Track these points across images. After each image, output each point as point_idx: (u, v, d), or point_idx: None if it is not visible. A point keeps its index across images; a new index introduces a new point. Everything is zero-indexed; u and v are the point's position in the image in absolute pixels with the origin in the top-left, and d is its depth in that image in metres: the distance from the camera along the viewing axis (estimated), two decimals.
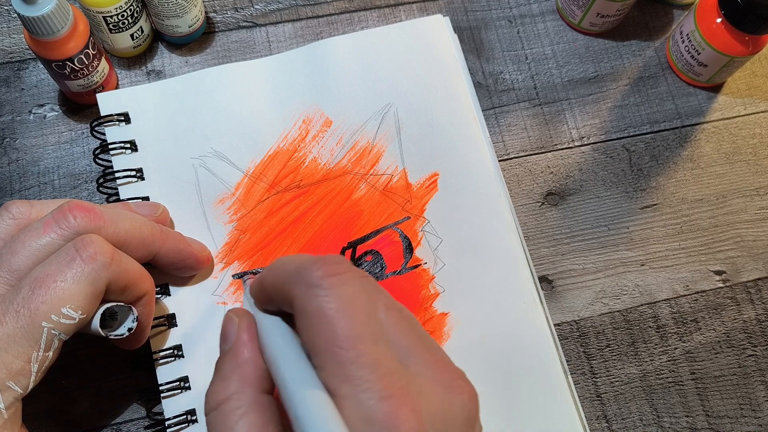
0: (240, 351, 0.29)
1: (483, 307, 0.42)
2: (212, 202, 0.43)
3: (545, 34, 0.52)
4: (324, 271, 0.26)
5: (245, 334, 0.29)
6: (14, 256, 0.32)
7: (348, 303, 0.25)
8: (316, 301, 0.25)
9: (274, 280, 0.28)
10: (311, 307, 0.25)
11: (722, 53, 0.47)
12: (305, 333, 0.26)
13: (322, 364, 0.25)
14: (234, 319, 0.30)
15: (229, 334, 0.30)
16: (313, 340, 0.25)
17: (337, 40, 0.47)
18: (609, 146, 0.49)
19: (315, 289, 0.26)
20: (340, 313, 0.25)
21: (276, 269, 0.28)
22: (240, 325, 0.30)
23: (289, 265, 0.28)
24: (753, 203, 0.48)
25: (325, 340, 0.25)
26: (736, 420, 0.43)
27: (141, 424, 0.40)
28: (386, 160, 0.45)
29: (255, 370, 0.28)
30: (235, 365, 0.28)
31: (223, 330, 0.30)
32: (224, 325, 0.30)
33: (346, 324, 0.25)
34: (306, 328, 0.26)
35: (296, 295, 0.26)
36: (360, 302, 0.26)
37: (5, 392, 0.30)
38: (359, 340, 0.25)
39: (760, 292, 0.46)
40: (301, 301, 0.26)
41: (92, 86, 0.45)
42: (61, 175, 0.45)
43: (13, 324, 0.30)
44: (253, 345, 0.29)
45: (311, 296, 0.26)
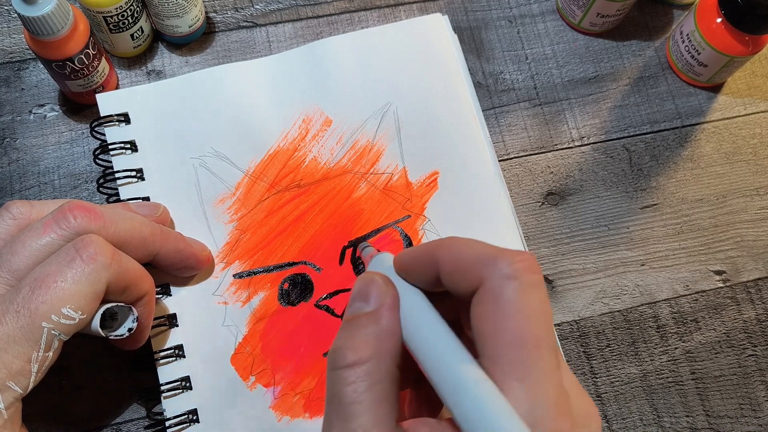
0: (383, 316, 0.28)
1: None
2: (212, 202, 0.43)
3: (545, 34, 0.52)
4: (523, 266, 0.25)
5: (390, 300, 0.28)
6: (14, 256, 0.32)
7: (539, 305, 0.25)
8: (509, 292, 0.25)
9: (457, 257, 0.27)
10: (504, 295, 0.25)
11: (722, 53, 0.47)
12: (485, 319, 0.25)
13: (496, 355, 0.24)
14: (378, 281, 0.29)
15: (371, 294, 0.28)
16: (494, 329, 0.25)
17: (336, 39, 0.47)
18: (609, 146, 0.49)
19: (512, 280, 0.25)
20: (532, 312, 0.25)
21: (461, 246, 0.28)
22: (386, 290, 0.28)
23: (478, 246, 0.27)
24: (753, 203, 0.48)
25: (510, 334, 0.24)
26: (736, 420, 0.43)
27: (141, 424, 0.40)
28: (386, 159, 0.45)
29: (395, 341, 0.27)
30: (378, 330, 0.27)
31: (361, 289, 0.29)
32: (364, 284, 0.29)
33: (535, 325, 0.24)
34: (489, 315, 0.25)
35: (487, 278, 0.25)
36: (547, 308, 0.25)
37: (5, 392, 0.30)
38: (543, 345, 0.24)
39: (760, 292, 0.46)
40: (493, 286, 0.25)
41: (92, 86, 0.45)
42: (61, 175, 0.45)
43: (13, 324, 0.30)
44: (397, 315, 0.28)
45: (506, 286, 0.25)
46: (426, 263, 0.28)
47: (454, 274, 0.27)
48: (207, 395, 0.39)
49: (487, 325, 0.25)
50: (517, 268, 0.25)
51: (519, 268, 0.25)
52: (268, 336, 0.41)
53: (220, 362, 0.40)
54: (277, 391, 0.40)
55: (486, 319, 0.25)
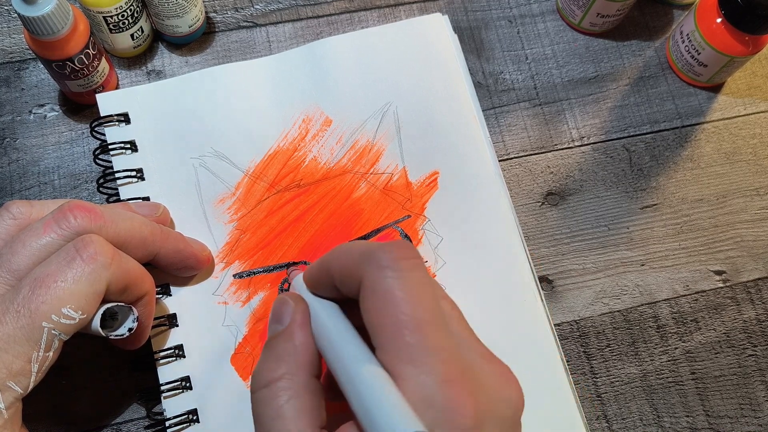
0: (295, 333, 0.29)
1: (483, 306, 0.42)
2: (212, 202, 0.43)
3: (545, 34, 0.52)
4: (395, 255, 0.26)
5: (300, 316, 0.29)
6: (14, 256, 0.32)
7: (416, 287, 0.26)
8: (385, 282, 0.26)
9: (342, 263, 0.28)
10: (380, 287, 0.26)
11: (722, 53, 0.47)
12: (370, 312, 0.26)
13: (385, 344, 0.25)
14: (288, 301, 0.30)
15: (282, 315, 0.30)
16: (379, 320, 0.26)
17: (336, 39, 0.47)
18: (609, 146, 0.49)
19: (385, 270, 0.26)
20: (409, 296, 0.25)
21: (344, 252, 0.29)
22: (296, 308, 0.30)
23: (356, 248, 0.28)
24: (753, 203, 0.48)
25: (392, 321, 0.25)
26: (736, 420, 0.43)
27: (141, 424, 0.40)
28: (386, 159, 0.45)
29: (308, 354, 0.28)
30: (290, 346, 0.28)
31: (275, 311, 0.30)
32: (277, 306, 0.30)
33: (413, 307, 0.25)
34: (372, 308, 0.26)
35: (365, 275, 0.26)
36: (426, 288, 0.26)
37: (5, 392, 0.30)
38: (425, 324, 0.25)
39: (760, 292, 0.46)
40: (371, 281, 0.26)
41: (92, 86, 0.45)
42: (61, 175, 0.45)
43: (14, 324, 0.30)
44: (308, 329, 0.29)
45: (381, 277, 0.26)
46: (323, 275, 0.30)
47: (342, 279, 0.28)
48: (207, 395, 0.39)
49: (372, 318, 0.26)
50: (390, 258, 0.26)
51: (391, 257, 0.26)
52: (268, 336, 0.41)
53: (220, 362, 0.40)
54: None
55: (370, 312, 0.26)
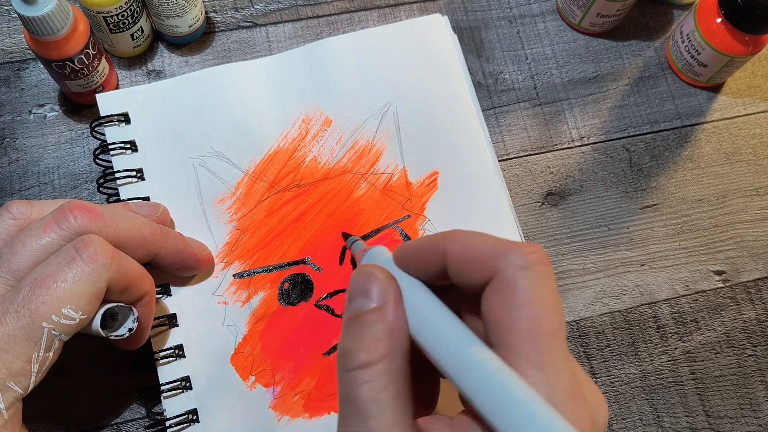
0: (389, 312, 0.27)
1: None
2: (212, 202, 0.43)
3: (545, 34, 0.52)
4: (537, 257, 0.26)
5: (395, 294, 0.27)
6: (14, 257, 0.32)
7: (554, 294, 0.25)
8: (526, 283, 0.25)
9: (468, 249, 0.27)
10: (520, 287, 0.25)
11: (722, 53, 0.47)
12: (501, 309, 0.25)
13: (513, 343, 0.24)
14: (378, 276, 0.28)
15: (371, 290, 0.27)
16: (511, 320, 0.25)
17: (336, 39, 0.47)
18: (609, 146, 0.49)
19: (527, 271, 0.25)
20: (549, 302, 0.25)
21: (470, 239, 0.27)
22: (387, 285, 0.27)
23: (487, 239, 0.27)
24: (753, 203, 0.48)
25: (528, 324, 0.24)
26: (736, 420, 0.43)
27: (141, 424, 0.40)
28: (386, 159, 0.45)
29: (405, 337, 0.27)
30: (386, 327, 0.26)
31: (360, 285, 0.28)
32: (363, 279, 0.28)
33: (551, 315, 0.25)
34: (506, 306, 0.25)
35: (501, 269, 0.25)
36: (558, 298, 0.26)
37: (6, 392, 0.30)
38: (559, 335, 0.24)
39: (760, 292, 0.46)
40: (508, 277, 0.25)
41: (92, 86, 0.45)
42: (61, 175, 0.45)
43: (14, 324, 0.30)
44: (402, 309, 0.27)
45: (522, 276, 0.25)
46: (431, 255, 0.28)
47: (464, 266, 0.27)
48: (207, 395, 0.39)
49: (502, 315, 0.25)
50: (531, 259, 0.25)
51: (532, 259, 0.25)
52: (267, 336, 0.41)
53: (219, 362, 0.40)
54: (276, 391, 0.40)
55: (501, 309, 0.25)
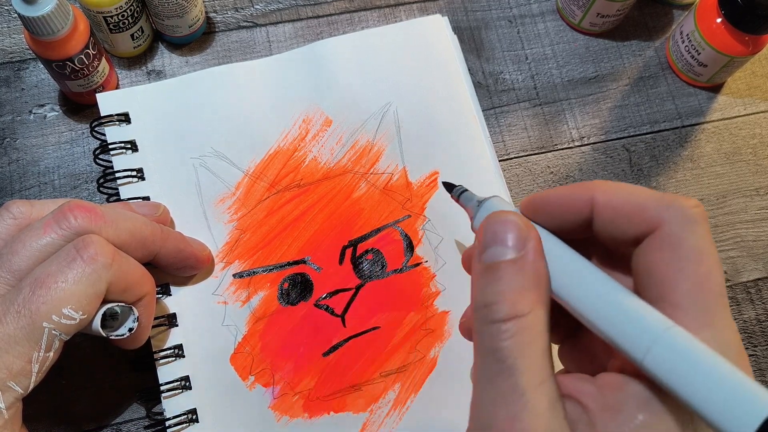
0: (537, 265, 0.26)
1: None
2: (213, 202, 0.43)
3: (545, 34, 0.52)
4: (702, 212, 0.25)
5: (536, 242, 0.26)
6: (15, 256, 0.32)
7: (716, 254, 0.24)
8: (694, 238, 0.24)
9: (622, 200, 0.26)
10: (689, 241, 0.24)
11: (722, 53, 0.47)
12: (666, 264, 0.24)
13: (680, 299, 0.24)
14: (518, 223, 0.26)
15: (509, 237, 0.26)
16: (677, 274, 0.24)
17: (336, 39, 0.47)
18: (609, 146, 0.49)
19: (695, 225, 0.24)
20: (716, 258, 0.24)
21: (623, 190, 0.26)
22: (528, 232, 0.26)
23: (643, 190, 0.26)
24: (753, 203, 0.48)
25: (698, 280, 0.24)
26: None
27: (141, 424, 0.40)
28: (386, 159, 0.45)
29: (548, 290, 0.26)
30: (532, 281, 0.25)
31: (497, 230, 0.26)
32: (500, 227, 0.26)
33: (719, 270, 0.24)
34: (672, 260, 0.24)
35: (666, 222, 0.25)
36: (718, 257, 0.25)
37: (6, 392, 0.30)
38: (724, 291, 0.24)
39: (760, 292, 0.46)
40: (675, 231, 0.24)
41: (92, 86, 0.45)
42: (61, 175, 0.45)
43: (14, 324, 0.30)
44: (544, 260, 0.26)
45: (690, 231, 0.24)
46: (575, 205, 0.27)
47: (618, 218, 0.26)
48: (206, 395, 0.39)
49: (666, 271, 0.24)
50: (696, 212, 0.25)
51: (698, 212, 0.25)
52: (267, 336, 0.41)
53: (219, 362, 0.40)
54: (276, 390, 0.40)
55: (665, 264, 0.24)
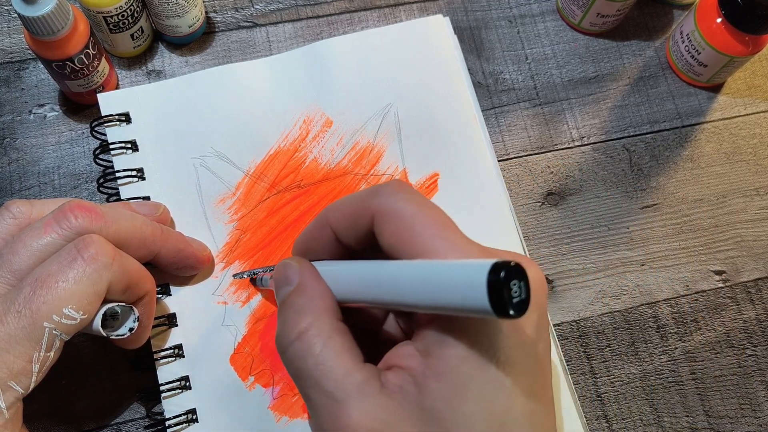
0: (309, 285, 0.29)
1: None
2: (213, 202, 0.43)
3: (545, 34, 0.52)
4: (399, 183, 0.28)
5: (308, 270, 0.30)
6: (15, 256, 0.32)
7: (427, 202, 0.28)
8: (402, 203, 0.27)
9: (345, 209, 0.29)
10: (398, 207, 0.27)
11: (722, 53, 0.47)
12: (395, 233, 0.27)
13: (421, 247, 0.26)
14: (291, 263, 0.30)
15: (290, 275, 0.30)
16: (406, 235, 0.27)
17: (337, 40, 0.47)
18: (609, 146, 0.49)
19: (397, 195, 0.27)
20: (428, 206, 0.27)
21: (341, 202, 0.30)
22: (302, 266, 0.30)
23: (355, 194, 0.29)
24: (753, 203, 0.48)
25: (421, 229, 0.26)
26: (736, 420, 0.43)
27: (141, 424, 0.40)
28: (387, 160, 0.45)
29: (327, 300, 0.28)
30: (307, 298, 0.28)
31: (281, 275, 0.30)
32: (281, 270, 0.30)
33: (436, 213, 0.27)
34: (396, 229, 0.27)
35: (378, 207, 0.27)
36: (433, 203, 0.28)
37: (6, 392, 0.30)
38: (451, 223, 0.27)
39: (760, 292, 0.46)
40: (386, 208, 0.27)
41: (92, 86, 0.45)
42: (61, 175, 0.45)
43: (15, 324, 0.30)
44: (319, 279, 0.29)
45: (396, 200, 0.27)
46: (320, 233, 0.30)
47: (348, 224, 0.29)
48: (206, 395, 0.39)
49: (400, 235, 0.27)
50: (396, 185, 0.28)
51: (397, 185, 0.28)
52: (267, 336, 0.41)
53: (219, 362, 0.40)
54: (276, 391, 0.40)
55: (397, 232, 0.27)
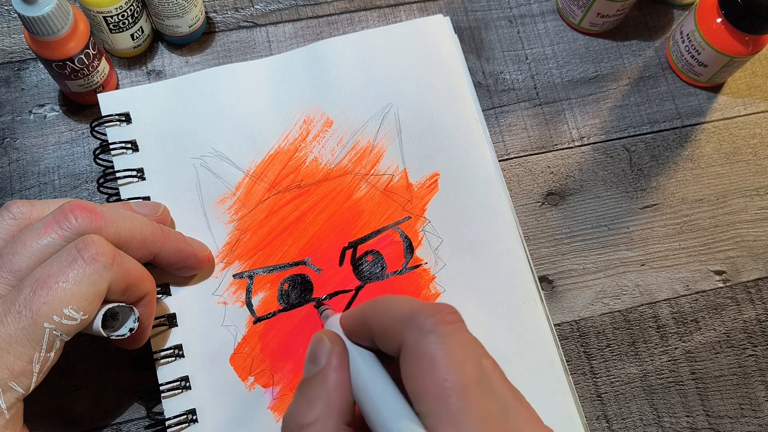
0: (330, 377, 0.28)
1: (483, 307, 0.42)
2: (213, 202, 0.43)
3: (545, 34, 0.52)
4: (438, 319, 0.26)
5: (337, 360, 0.29)
6: (15, 257, 0.32)
7: (459, 351, 0.26)
8: (429, 348, 0.26)
9: (382, 323, 0.28)
10: (424, 352, 0.26)
11: (722, 53, 0.47)
12: (413, 377, 0.26)
13: (430, 410, 0.25)
14: (325, 341, 0.29)
15: (319, 356, 0.29)
16: (422, 386, 0.25)
17: (337, 40, 0.47)
18: (609, 146, 0.49)
19: (428, 335, 0.26)
20: (452, 361, 0.25)
21: (385, 309, 0.28)
22: (332, 350, 0.29)
23: (399, 307, 0.28)
24: (753, 203, 0.48)
25: (436, 387, 0.25)
26: (736, 420, 0.43)
27: (141, 424, 0.40)
28: (387, 160, 0.45)
29: (343, 400, 0.28)
30: (324, 391, 0.28)
31: (312, 350, 0.30)
32: (314, 345, 0.30)
33: (457, 372, 0.25)
34: (415, 373, 0.26)
35: (407, 339, 0.26)
36: (469, 351, 0.26)
37: (7, 393, 0.30)
38: (470, 389, 0.25)
39: (760, 292, 0.46)
40: (413, 346, 0.26)
41: (92, 86, 0.45)
42: (61, 175, 0.45)
43: (15, 325, 0.30)
44: (344, 374, 0.29)
45: (424, 342, 0.26)
46: (362, 328, 0.29)
47: (382, 338, 0.28)
48: (206, 395, 0.39)
49: (415, 383, 0.26)
50: (432, 322, 0.26)
51: (433, 321, 0.26)
52: (267, 336, 0.41)
53: (219, 362, 0.40)
54: (275, 391, 0.40)
55: (413, 377, 0.26)
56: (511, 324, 0.42)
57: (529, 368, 0.41)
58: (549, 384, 0.41)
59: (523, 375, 0.41)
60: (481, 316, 0.42)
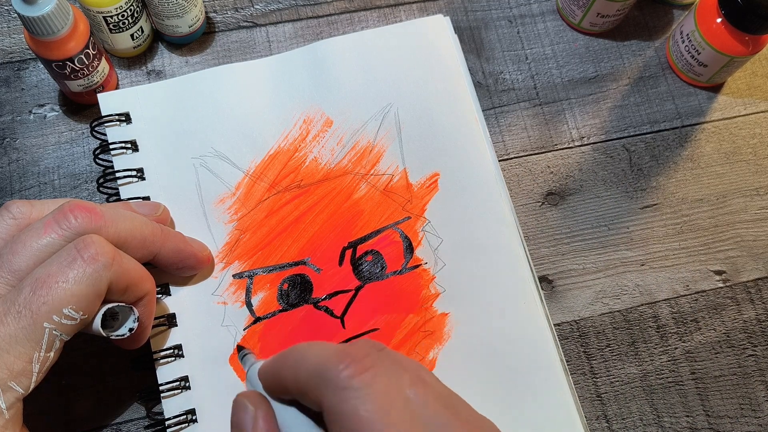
0: None
1: (483, 307, 0.42)
2: (213, 202, 0.43)
3: (545, 34, 0.52)
4: (351, 371, 0.26)
5: (263, 424, 0.28)
6: (15, 257, 0.32)
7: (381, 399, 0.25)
8: (350, 405, 0.25)
9: (295, 377, 0.27)
10: (345, 411, 0.25)
11: (722, 53, 0.47)
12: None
13: None
14: (248, 407, 0.29)
15: (244, 423, 0.29)
16: None
17: (337, 40, 0.47)
18: (609, 146, 0.49)
19: (346, 392, 0.25)
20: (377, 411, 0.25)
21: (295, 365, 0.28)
22: (256, 415, 0.29)
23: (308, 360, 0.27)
24: (753, 203, 0.48)
25: None
26: (736, 420, 0.43)
27: (141, 424, 0.40)
28: (387, 160, 0.45)
29: None
30: None
31: (235, 417, 0.29)
32: (236, 411, 0.29)
33: (382, 421, 0.25)
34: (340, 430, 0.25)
35: (326, 397, 0.26)
36: (392, 394, 0.26)
37: (7, 392, 0.30)
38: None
39: (760, 292, 0.46)
40: (333, 404, 0.26)
41: (92, 86, 0.45)
42: (61, 175, 0.45)
43: (15, 325, 0.30)
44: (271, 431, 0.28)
45: (343, 399, 0.25)
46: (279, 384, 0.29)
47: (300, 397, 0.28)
48: (205, 395, 0.39)
49: None
50: (346, 376, 0.25)
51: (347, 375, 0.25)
52: (266, 336, 0.41)
53: (218, 362, 0.40)
54: None
55: None
56: (510, 324, 0.42)
57: (529, 368, 0.41)
58: (549, 384, 0.41)
59: (523, 375, 0.41)
60: (481, 316, 0.42)
